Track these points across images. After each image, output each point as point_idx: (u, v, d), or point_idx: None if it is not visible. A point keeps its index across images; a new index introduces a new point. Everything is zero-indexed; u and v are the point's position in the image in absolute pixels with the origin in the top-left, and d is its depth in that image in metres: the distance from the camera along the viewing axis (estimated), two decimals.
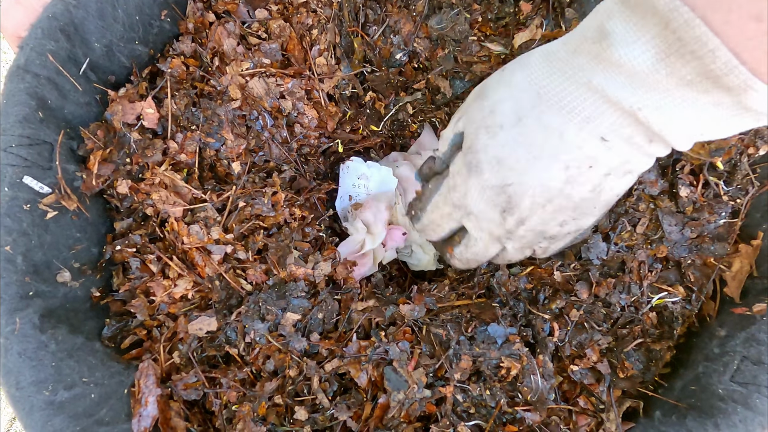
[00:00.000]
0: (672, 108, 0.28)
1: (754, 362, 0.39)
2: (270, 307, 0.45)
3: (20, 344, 0.36)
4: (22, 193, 0.40)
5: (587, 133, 0.31)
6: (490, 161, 0.35)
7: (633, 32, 0.27)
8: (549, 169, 0.33)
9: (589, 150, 0.32)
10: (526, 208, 0.36)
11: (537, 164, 0.33)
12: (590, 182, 0.34)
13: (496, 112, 0.34)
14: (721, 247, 0.44)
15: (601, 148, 0.32)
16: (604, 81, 0.29)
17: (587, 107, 0.31)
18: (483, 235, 0.40)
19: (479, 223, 0.39)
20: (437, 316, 0.48)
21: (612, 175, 0.33)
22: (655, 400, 0.43)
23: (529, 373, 0.42)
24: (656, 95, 0.28)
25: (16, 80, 0.41)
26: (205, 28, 0.52)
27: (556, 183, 0.34)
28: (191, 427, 0.41)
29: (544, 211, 0.36)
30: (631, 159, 0.33)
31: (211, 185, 0.49)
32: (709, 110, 0.28)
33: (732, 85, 0.26)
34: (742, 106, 0.27)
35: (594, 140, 0.32)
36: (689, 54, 0.26)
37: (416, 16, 0.52)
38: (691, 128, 0.30)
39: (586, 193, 0.34)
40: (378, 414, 0.42)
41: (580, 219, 0.37)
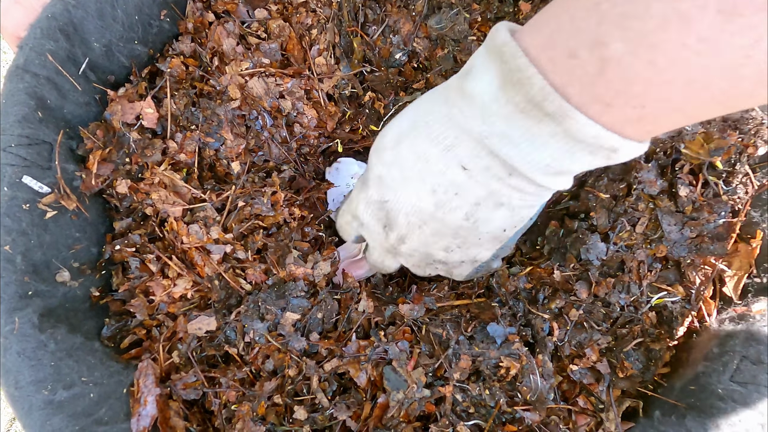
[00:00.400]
0: (517, 139, 0.30)
1: (753, 362, 0.39)
2: (269, 307, 0.45)
3: (19, 344, 0.36)
4: (22, 192, 0.40)
5: (449, 160, 0.34)
6: (374, 178, 0.38)
7: (484, 66, 0.30)
8: (418, 191, 0.36)
9: (452, 176, 0.34)
10: (403, 225, 0.38)
11: (408, 184, 0.36)
12: (461, 209, 0.36)
13: (385, 136, 0.38)
14: (720, 247, 0.43)
15: (463, 176, 0.34)
16: (460, 112, 0.32)
17: (449, 136, 0.33)
18: (375, 245, 0.43)
19: (369, 234, 0.42)
20: (437, 316, 0.48)
21: (482, 205, 0.35)
22: (654, 400, 0.43)
23: (529, 373, 0.42)
24: (500, 124, 0.30)
25: (16, 80, 0.41)
26: (205, 27, 0.52)
27: (426, 205, 0.36)
28: (190, 427, 0.41)
29: (422, 232, 0.38)
30: (498, 191, 0.34)
31: (210, 185, 0.49)
32: (549, 141, 0.30)
33: (551, 111, 0.28)
34: (570, 136, 0.29)
35: (456, 167, 0.34)
36: (518, 83, 0.28)
37: (416, 15, 0.52)
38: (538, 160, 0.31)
39: (460, 221, 0.36)
40: (377, 414, 0.42)
41: (468, 248, 0.39)
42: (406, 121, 0.36)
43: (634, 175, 0.45)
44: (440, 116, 0.34)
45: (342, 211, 0.45)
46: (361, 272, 0.56)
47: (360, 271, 0.56)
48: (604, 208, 0.46)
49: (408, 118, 0.37)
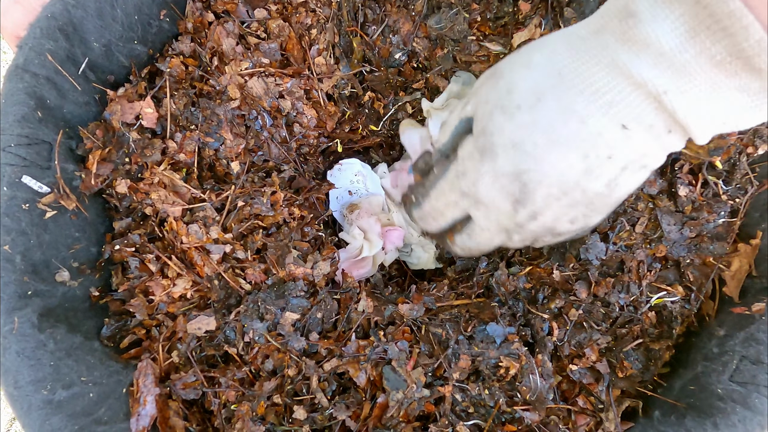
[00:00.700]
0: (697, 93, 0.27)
1: (753, 362, 0.39)
2: (269, 307, 0.45)
3: (19, 343, 0.36)
4: (21, 192, 0.40)
5: (609, 119, 0.29)
6: (506, 145, 0.32)
7: (661, 9, 0.26)
8: (567, 157, 0.30)
9: (609, 138, 0.29)
10: (540, 199, 0.33)
11: (555, 150, 0.30)
12: (606, 175, 0.31)
13: (513, 91, 0.31)
14: (720, 247, 0.43)
15: (621, 136, 0.29)
16: (629, 60, 0.27)
17: (611, 90, 0.28)
18: (490, 226, 0.36)
19: (488, 213, 0.35)
20: (436, 316, 0.48)
21: (628, 169, 0.31)
22: (654, 400, 0.43)
23: (528, 373, 0.42)
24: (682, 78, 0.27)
25: (15, 80, 0.41)
26: (204, 27, 0.52)
27: (573, 173, 0.31)
28: (190, 427, 0.41)
29: (559, 204, 0.33)
30: (649, 152, 0.31)
31: (210, 185, 0.49)
32: (734, 96, 0.27)
33: (762, 66, 0.24)
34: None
35: (615, 127, 0.29)
36: (721, 31, 0.24)
37: (415, 15, 0.52)
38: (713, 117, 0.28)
39: (601, 188, 0.32)
40: (377, 413, 0.42)
41: (590, 216, 0.35)
42: (541, 72, 0.30)
43: None
44: (600, 65, 0.28)
45: (439, 190, 0.37)
46: (363, 272, 0.56)
47: (362, 271, 0.56)
48: None
49: (543, 67, 0.30)
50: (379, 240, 0.58)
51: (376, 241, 0.58)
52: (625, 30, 0.27)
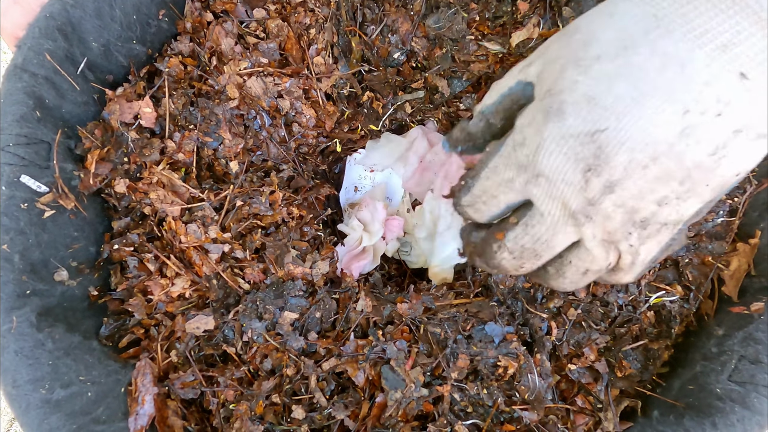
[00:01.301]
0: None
1: (751, 361, 0.39)
2: (268, 306, 0.45)
3: (17, 342, 0.36)
4: (20, 192, 0.40)
5: (721, 66, 0.23)
6: (578, 101, 0.25)
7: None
8: (661, 112, 0.24)
9: (720, 89, 0.23)
10: (620, 165, 0.25)
11: (645, 103, 0.24)
12: (712, 139, 0.24)
13: (591, 43, 0.25)
14: (718, 246, 0.43)
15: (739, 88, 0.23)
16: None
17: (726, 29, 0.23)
18: (553, 208, 0.28)
19: (551, 188, 0.27)
20: (435, 315, 0.48)
21: (742, 134, 0.24)
22: (653, 400, 0.43)
23: (527, 372, 0.42)
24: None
25: (14, 79, 0.41)
26: (203, 27, 0.52)
27: (668, 133, 0.24)
28: (188, 426, 0.41)
29: (644, 174, 0.25)
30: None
31: (208, 184, 0.49)
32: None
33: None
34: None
35: (729, 76, 0.23)
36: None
37: (414, 15, 0.52)
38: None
39: (704, 156, 0.25)
40: (375, 413, 0.42)
41: (684, 199, 0.26)
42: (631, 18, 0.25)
43: None
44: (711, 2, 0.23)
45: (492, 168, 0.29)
46: (364, 263, 0.55)
47: (363, 263, 0.56)
48: None
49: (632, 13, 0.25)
50: (379, 228, 0.58)
51: (376, 231, 0.58)
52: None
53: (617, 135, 0.25)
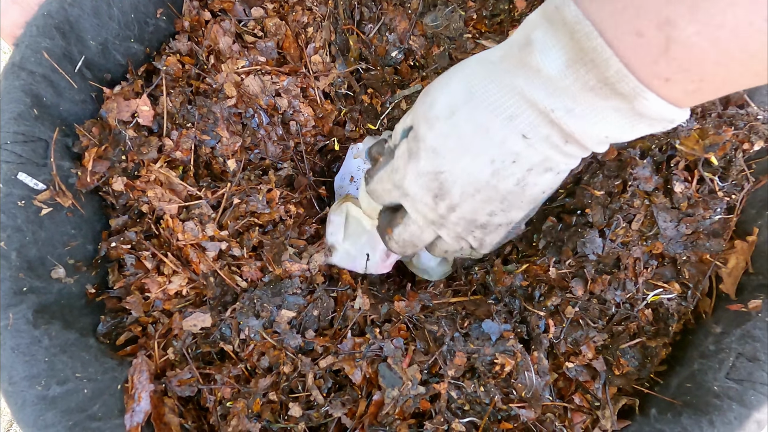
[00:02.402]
0: (581, 112, 0.32)
1: (749, 359, 0.38)
2: (265, 304, 0.45)
3: (13, 339, 0.36)
4: (17, 189, 0.40)
5: (510, 130, 0.34)
6: (427, 149, 0.37)
7: (549, 41, 0.31)
8: (476, 161, 0.36)
9: (512, 146, 0.35)
10: (456, 195, 0.38)
11: (466, 156, 0.36)
12: (514, 176, 0.36)
13: (434, 105, 0.37)
14: (716, 244, 0.43)
15: (523, 144, 0.34)
16: (525, 83, 0.32)
17: (510, 106, 0.34)
18: (419, 217, 0.41)
19: (414, 204, 0.41)
20: (432, 313, 0.48)
21: (534, 170, 0.36)
22: (651, 398, 0.43)
23: (524, 370, 0.42)
24: (566, 99, 0.32)
25: (12, 77, 0.41)
26: (201, 26, 0.52)
27: (483, 175, 0.36)
28: (185, 424, 0.41)
29: (474, 200, 0.38)
30: (551, 157, 0.35)
31: (206, 182, 0.49)
32: (611, 115, 0.31)
33: (624, 92, 0.29)
34: (636, 112, 0.30)
35: (516, 137, 0.34)
36: (590, 62, 0.29)
37: (411, 13, 0.52)
38: (597, 132, 0.33)
39: (512, 187, 0.37)
40: (372, 411, 0.42)
41: (508, 211, 0.39)
42: (459, 91, 0.35)
43: (630, 171, 0.45)
44: (501, 86, 0.34)
45: (379, 177, 0.43)
46: (391, 260, 0.56)
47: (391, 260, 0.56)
48: (600, 204, 0.46)
49: (459, 87, 0.36)
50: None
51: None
52: (522, 57, 0.32)
53: (451, 176, 0.37)
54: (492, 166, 0.36)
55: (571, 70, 0.30)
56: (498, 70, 0.34)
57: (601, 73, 0.29)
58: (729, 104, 0.46)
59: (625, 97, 0.30)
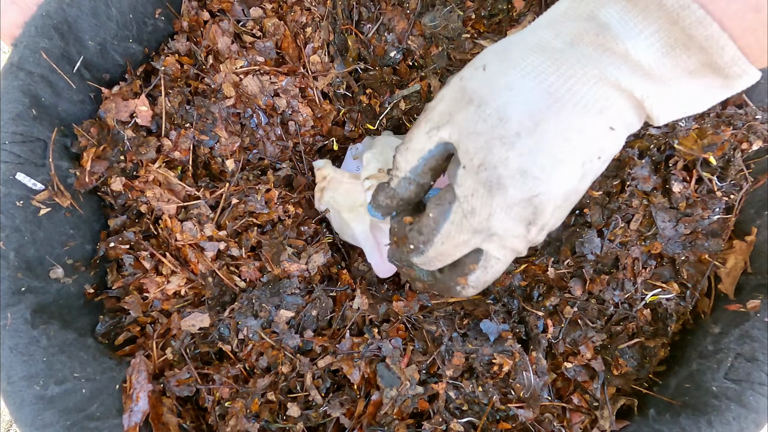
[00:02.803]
0: (669, 94, 0.30)
1: (747, 359, 0.38)
2: (263, 304, 0.45)
3: (11, 339, 0.36)
4: (15, 189, 0.40)
5: (600, 125, 0.31)
6: (513, 176, 0.32)
7: (634, 24, 0.28)
8: (571, 170, 0.32)
9: (600, 141, 0.31)
10: (549, 214, 0.33)
11: (562, 168, 0.31)
12: (593, 173, 0.33)
13: (506, 119, 0.31)
14: (715, 243, 0.43)
15: (609, 138, 0.31)
16: (615, 71, 0.29)
17: (600, 98, 0.30)
18: (506, 253, 0.36)
19: (503, 241, 0.35)
20: (431, 313, 0.48)
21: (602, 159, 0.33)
22: (649, 398, 0.42)
23: (522, 370, 0.42)
24: (659, 84, 0.30)
25: (10, 78, 0.41)
26: (200, 26, 0.52)
27: (575, 182, 0.32)
28: (184, 424, 0.41)
29: (561, 211, 0.34)
30: (621, 145, 0.33)
31: (204, 182, 0.49)
32: (699, 91, 0.30)
33: (732, 73, 0.28)
34: (730, 88, 0.29)
35: (604, 130, 0.31)
36: (698, 49, 0.28)
37: (410, 13, 0.52)
38: (682, 111, 0.31)
39: (589, 183, 0.34)
40: (371, 411, 0.42)
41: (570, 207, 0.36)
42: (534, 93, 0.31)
43: (628, 171, 0.45)
44: (588, 78, 0.30)
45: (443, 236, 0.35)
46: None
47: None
48: (598, 204, 0.46)
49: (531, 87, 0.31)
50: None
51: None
52: (602, 42, 0.30)
53: (547, 196, 0.32)
54: (582, 169, 0.32)
55: (669, 56, 0.28)
56: (574, 59, 0.30)
57: (710, 59, 0.28)
58: (727, 104, 0.46)
59: (728, 77, 0.28)
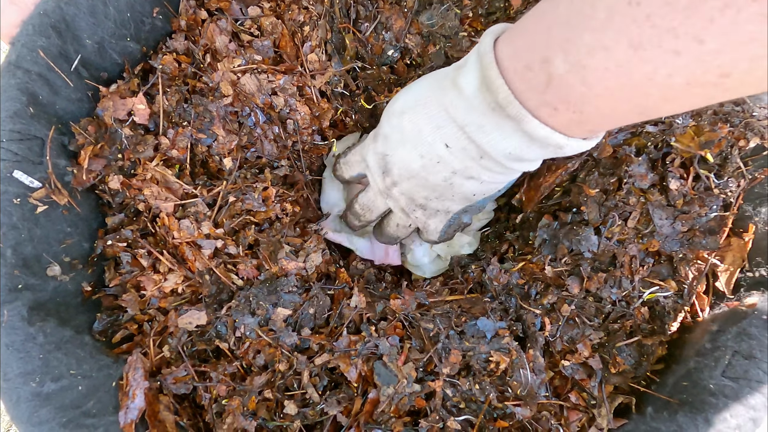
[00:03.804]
0: (489, 128, 0.37)
1: (745, 357, 0.38)
2: (261, 302, 0.45)
3: (8, 336, 0.36)
4: (13, 187, 0.40)
5: (437, 137, 0.41)
6: (382, 135, 0.46)
7: (472, 65, 0.37)
8: (410, 153, 0.44)
9: (437, 149, 0.42)
10: (396, 174, 0.46)
11: (404, 146, 0.44)
12: (440, 173, 0.43)
13: (394, 104, 0.45)
14: (712, 241, 0.43)
15: (446, 151, 0.41)
16: (450, 101, 0.39)
17: (439, 118, 0.40)
18: (374, 185, 0.50)
19: (371, 174, 0.50)
20: (428, 311, 0.48)
21: (457, 174, 0.43)
22: (647, 396, 0.42)
23: (519, 368, 0.42)
24: (478, 116, 0.37)
25: (8, 76, 0.41)
26: (198, 25, 0.52)
27: (414, 165, 0.44)
28: (180, 421, 0.41)
29: (410, 183, 0.46)
30: (470, 167, 0.42)
31: (202, 181, 0.49)
32: (512, 135, 0.37)
33: (512, 114, 0.35)
34: (526, 134, 0.36)
35: (440, 143, 0.41)
36: (490, 87, 0.35)
37: (407, 12, 0.52)
38: (503, 147, 0.38)
39: (440, 181, 0.44)
40: (368, 409, 0.42)
41: (443, 201, 0.47)
42: (411, 97, 0.43)
43: (625, 168, 0.45)
44: (436, 101, 0.41)
45: (354, 151, 0.52)
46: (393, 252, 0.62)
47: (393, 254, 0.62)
48: (595, 202, 0.46)
49: (413, 94, 0.43)
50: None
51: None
52: (455, 77, 0.39)
53: (392, 159, 0.46)
54: (422, 160, 0.43)
55: (479, 91, 0.36)
56: (437, 86, 0.41)
57: (496, 97, 0.35)
58: (724, 102, 0.46)
59: (514, 119, 0.35)
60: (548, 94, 0.32)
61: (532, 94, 0.33)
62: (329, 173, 0.61)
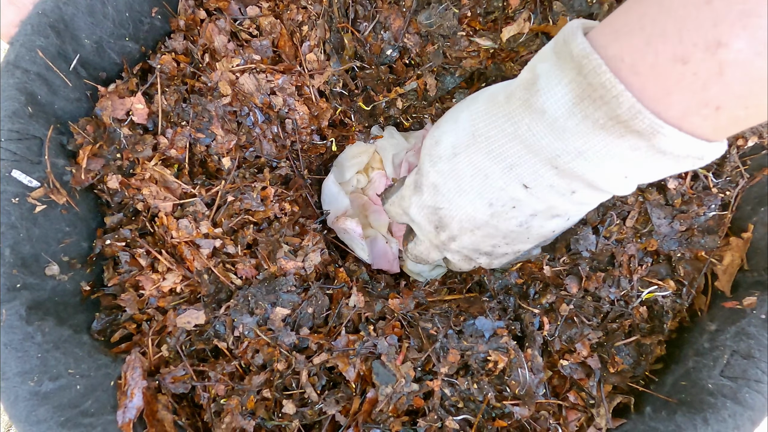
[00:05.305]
0: (594, 153, 0.29)
1: (743, 356, 0.38)
2: (259, 302, 0.46)
3: (6, 335, 0.36)
4: (11, 186, 0.40)
5: (510, 178, 0.34)
6: (429, 186, 0.39)
7: (555, 77, 0.29)
8: (474, 203, 0.37)
9: (512, 192, 0.34)
10: (455, 229, 0.39)
11: (464, 196, 0.37)
12: (516, 219, 0.37)
13: (439, 143, 0.37)
14: (711, 240, 0.43)
15: (524, 192, 0.34)
16: (528, 130, 0.31)
17: (511, 155, 0.33)
18: (424, 240, 0.44)
19: (420, 230, 0.43)
20: (427, 311, 0.48)
21: (538, 216, 0.36)
22: (646, 396, 0.42)
23: (517, 367, 0.42)
24: (576, 140, 0.29)
25: (6, 75, 0.41)
26: (197, 25, 0.52)
27: (481, 215, 0.37)
28: (179, 421, 0.41)
29: (474, 234, 0.39)
30: (557, 205, 0.34)
31: (200, 180, 0.49)
32: (630, 155, 0.28)
33: (640, 129, 0.26)
34: (656, 149, 0.27)
35: (516, 185, 0.34)
36: (599, 99, 0.27)
37: (406, 11, 0.52)
38: (616, 172, 0.30)
39: (514, 227, 0.37)
40: (366, 408, 0.42)
41: (513, 245, 0.40)
42: (463, 131, 0.35)
43: None
44: (503, 133, 0.32)
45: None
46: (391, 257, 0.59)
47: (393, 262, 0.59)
48: None
49: (465, 127, 0.35)
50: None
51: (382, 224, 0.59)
52: (527, 98, 0.30)
53: (449, 213, 0.39)
54: (491, 209, 0.36)
55: (578, 108, 0.28)
56: (501, 113, 0.32)
57: (612, 110, 0.26)
58: None
59: (641, 134, 0.27)
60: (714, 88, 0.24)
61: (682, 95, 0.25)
62: (333, 180, 0.60)
